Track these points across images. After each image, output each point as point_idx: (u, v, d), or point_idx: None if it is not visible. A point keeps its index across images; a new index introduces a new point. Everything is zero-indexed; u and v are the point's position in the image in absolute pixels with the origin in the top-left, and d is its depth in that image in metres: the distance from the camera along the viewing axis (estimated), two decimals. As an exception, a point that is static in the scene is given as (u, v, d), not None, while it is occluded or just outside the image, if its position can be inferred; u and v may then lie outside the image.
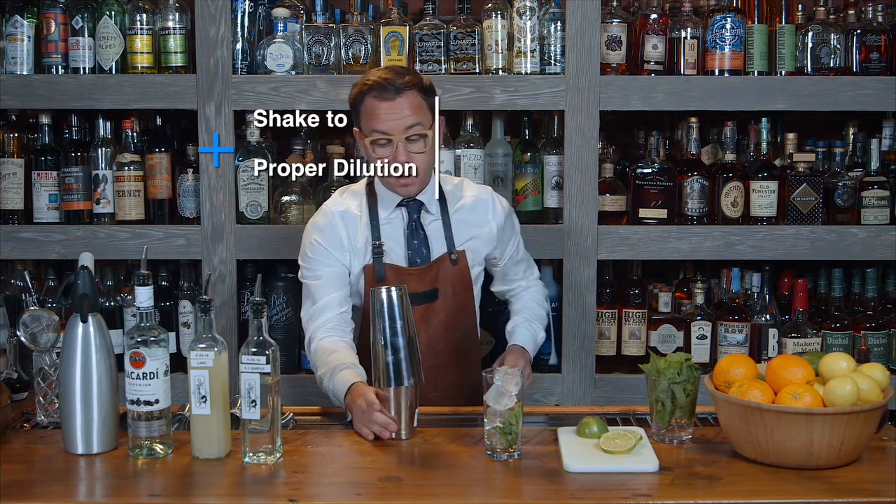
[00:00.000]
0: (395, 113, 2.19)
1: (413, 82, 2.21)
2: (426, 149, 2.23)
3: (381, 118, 2.19)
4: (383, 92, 2.18)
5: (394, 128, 2.19)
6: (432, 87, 2.28)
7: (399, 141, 2.20)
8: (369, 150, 2.24)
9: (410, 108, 2.19)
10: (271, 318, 2.93)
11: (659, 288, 2.99)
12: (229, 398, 1.89)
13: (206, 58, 2.82)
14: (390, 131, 2.20)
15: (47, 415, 2.10)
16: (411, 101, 2.20)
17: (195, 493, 1.75)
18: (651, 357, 1.98)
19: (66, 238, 2.88)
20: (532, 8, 2.83)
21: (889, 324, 2.98)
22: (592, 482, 1.73)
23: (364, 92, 2.21)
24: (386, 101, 2.19)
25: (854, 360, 1.86)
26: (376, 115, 2.20)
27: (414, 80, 2.22)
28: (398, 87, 2.18)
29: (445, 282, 2.34)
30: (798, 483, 1.72)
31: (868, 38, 2.91)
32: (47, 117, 2.93)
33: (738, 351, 2.87)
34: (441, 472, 1.82)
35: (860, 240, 2.86)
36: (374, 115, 2.20)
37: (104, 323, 1.93)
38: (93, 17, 2.88)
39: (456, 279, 2.36)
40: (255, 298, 1.85)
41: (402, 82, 2.19)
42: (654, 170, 2.89)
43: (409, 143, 2.21)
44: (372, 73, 2.25)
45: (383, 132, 2.20)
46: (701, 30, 2.88)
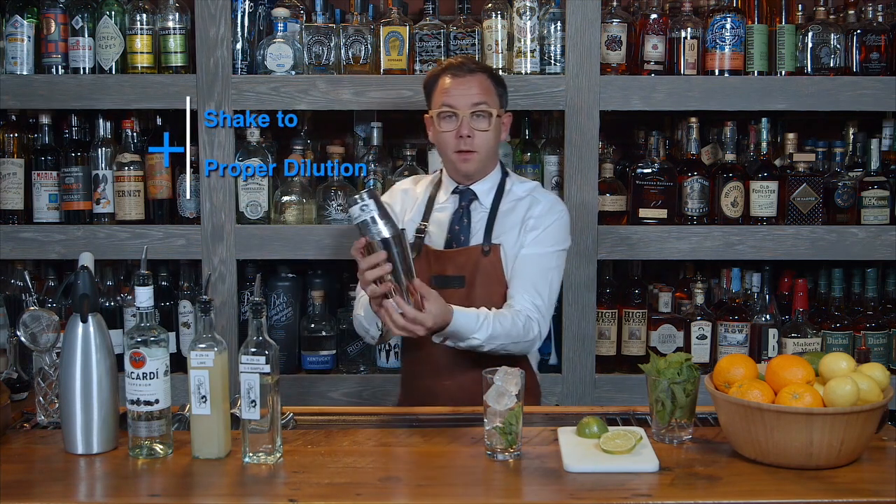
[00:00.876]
0: (464, 89, 2.33)
1: (485, 67, 2.42)
2: (490, 128, 2.34)
3: (450, 93, 2.34)
4: (457, 70, 2.36)
5: (461, 103, 2.33)
6: (503, 82, 2.43)
7: (464, 115, 2.33)
8: (436, 123, 2.37)
9: (479, 88, 2.34)
10: (271, 318, 2.94)
11: (659, 288, 2.99)
12: (229, 398, 1.89)
13: (206, 58, 2.82)
14: (457, 105, 2.33)
15: (47, 415, 2.10)
16: (481, 82, 2.35)
17: (195, 493, 1.75)
18: (651, 357, 1.98)
19: (66, 238, 2.88)
20: (532, 8, 2.83)
21: (889, 324, 2.98)
22: (592, 482, 1.73)
23: (438, 72, 2.39)
24: (457, 77, 2.35)
25: (854, 360, 1.86)
26: (446, 89, 2.35)
27: (485, 67, 2.43)
28: (471, 68, 2.36)
29: (474, 271, 2.34)
30: (798, 483, 1.72)
31: (868, 38, 2.91)
32: (47, 117, 2.93)
33: (738, 351, 2.87)
34: (441, 472, 1.82)
35: (860, 240, 2.86)
36: (444, 91, 2.36)
37: (104, 323, 1.93)
38: (93, 17, 2.88)
39: (487, 270, 2.35)
40: (255, 298, 1.85)
41: (475, 66, 2.38)
42: (654, 170, 2.89)
43: (473, 119, 2.33)
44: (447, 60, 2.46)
45: (450, 105, 2.34)
46: (701, 30, 2.88)
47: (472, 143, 2.33)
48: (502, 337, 2.23)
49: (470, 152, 2.34)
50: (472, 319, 2.20)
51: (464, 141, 2.33)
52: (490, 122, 2.33)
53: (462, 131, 2.32)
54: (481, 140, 2.34)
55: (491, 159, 2.41)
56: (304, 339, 2.97)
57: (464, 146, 2.33)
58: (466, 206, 2.41)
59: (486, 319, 2.22)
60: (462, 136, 2.32)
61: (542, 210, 2.38)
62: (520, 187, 2.44)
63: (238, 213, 2.88)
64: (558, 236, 2.39)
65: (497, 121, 2.36)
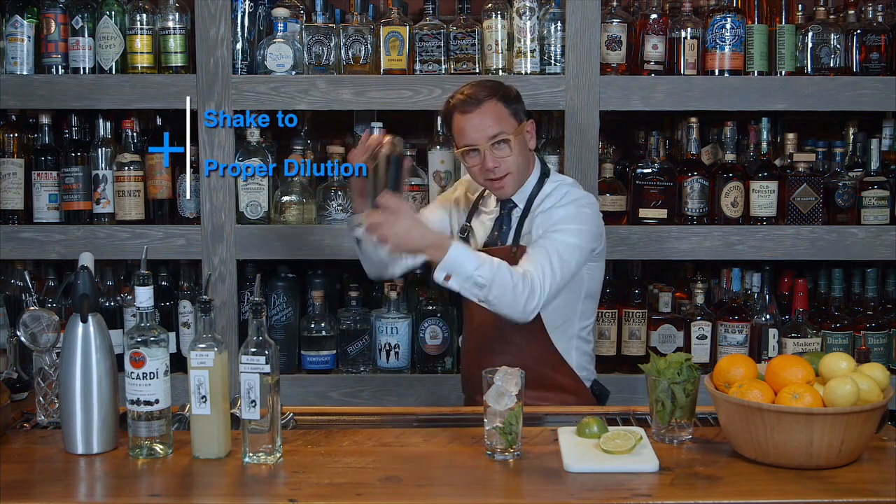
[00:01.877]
0: (477, 123, 2.34)
1: (492, 91, 2.37)
2: (512, 153, 2.35)
3: (465, 131, 2.36)
4: (465, 106, 2.35)
5: (478, 139, 2.34)
6: (514, 94, 2.41)
7: (485, 149, 2.34)
8: (462, 160, 2.42)
9: (492, 118, 2.34)
10: (271, 318, 2.94)
11: (659, 288, 2.99)
12: (229, 398, 1.89)
13: (206, 58, 2.82)
14: (474, 141, 2.35)
15: (47, 415, 2.10)
16: (492, 110, 2.34)
17: (195, 493, 1.75)
18: (651, 357, 1.98)
19: (66, 238, 2.88)
20: (532, 8, 2.83)
21: (889, 324, 2.98)
22: (592, 482, 1.73)
23: (450, 111, 2.40)
24: (467, 114, 2.35)
25: (854, 360, 1.86)
26: (462, 129, 2.37)
27: (492, 91, 2.37)
28: (478, 99, 2.35)
29: None
30: (798, 483, 1.72)
31: (868, 38, 2.91)
32: (47, 117, 2.93)
33: (738, 351, 2.87)
34: (441, 472, 1.82)
35: (860, 240, 2.86)
36: (460, 130, 2.37)
37: (104, 323, 1.93)
38: (93, 17, 2.88)
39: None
40: (255, 298, 1.85)
41: (483, 94, 2.35)
42: (654, 170, 2.89)
43: (494, 150, 2.34)
44: (457, 91, 2.42)
45: (469, 144, 2.36)
46: (701, 30, 2.88)
47: (499, 171, 2.36)
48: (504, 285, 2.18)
49: (500, 178, 2.37)
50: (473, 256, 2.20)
51: (491, 171, 2.36)
52: (511, 146, 2.35)
53: (487, 164, 2.34)
54: (508, 164, 2.36)
55: (524, 171, 2.41)
56: (304, 339, 2.97)
57: (492, 176, 2.36)
58: (507, 212, 2.45)
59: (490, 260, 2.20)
60: (488, 168, 2.35)
61: (554, 200, 2.39)
62: (550, 186, 2.44)
63: (238, 213, 2.88)
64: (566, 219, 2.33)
65: (519, 138, 2.37)
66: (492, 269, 2.17)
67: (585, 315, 2.47)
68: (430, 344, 2.97)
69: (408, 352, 2.98)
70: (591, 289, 2.46)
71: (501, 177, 2.36)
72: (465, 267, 2.17)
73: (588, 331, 2.50)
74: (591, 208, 2.40)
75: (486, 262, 2.19)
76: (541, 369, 2.37)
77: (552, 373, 2.41)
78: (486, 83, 2.42)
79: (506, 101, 2.37)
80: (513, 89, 2.43)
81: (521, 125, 2.39)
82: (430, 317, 2.96)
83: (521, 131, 2.38)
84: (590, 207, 2.40)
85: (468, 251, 2.21)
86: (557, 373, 2.42)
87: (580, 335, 2.46)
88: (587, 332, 2.49)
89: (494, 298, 2.19)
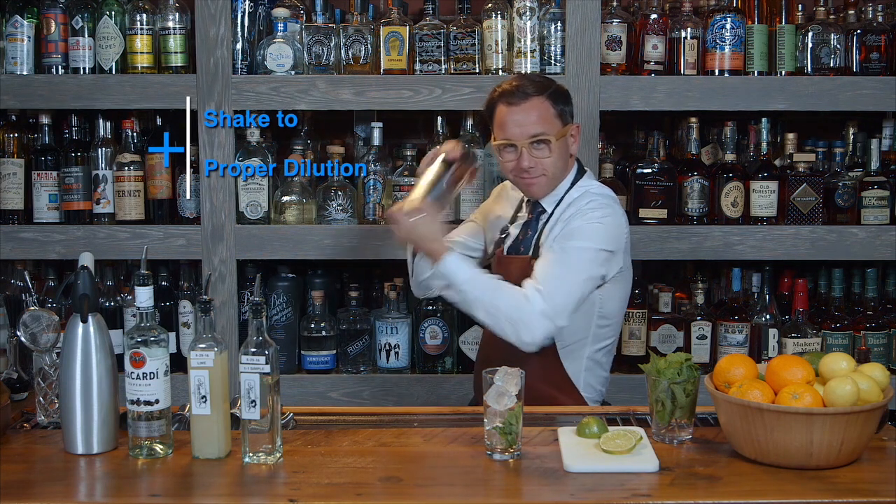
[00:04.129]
0: (521, 118, 2.27)
1: (542, 87, 2.29)
2: (551, 154, 2.28)
3: (506, 125, 2.29)
4: (511, 98, 2.27)
5: (518, 135, 2.27)
6: (564, 94, 2.34)
7: (523, 146, 2.27)
8: (497, 153, 2.34)
9: (537, 116, 2.27)
10: (271, 318, 2.94)
11: (659, 288, 2.99)
12: (229, 398, 1.89)
13: (206, 58, 2.82)
14: (513, 137, 2.28)
15: (47, 415, 2.10)
16: (538, 107, 2.27)
17: (195, 493, 1.75)
18: (651, 357, 1.98)
19: (66, 238, 2.88)
20: (532, 8, 2.83)
21: (889, 324, 2.98)
22: (592, 482, 1.73)
23: (495, 99, 2.32)
24: (512, 106, 2.27)
25: (854, 360, 1.86)
26: (503, 121, 2.29)
27: (542, 87, 2.29)
28: (526, 93, 2.27)
29: (520, 279, 2.24)
30: (798, 483, 1.72)
31: (868, 38, 2.91)
32: (47, 117, 2.93)
33: (738, 351, 2.87)
34: (441, 472, 1.82)
35: (860, 240, 2.86)
36: (501, 122, 2.30)
37: (104, 323, 1.93)
38: (93, 17, 2.88)
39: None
40: (255, 299, 1.85)
41: (531, 88, 2.27)
42: (654, 170, 2.89)
43: (532, 149, 2.28)
44: (505, 81, 2.33)
45: (507, 138, 2.29)
46: (701, 30, 2.88)
47: (534, 172, 2.29)
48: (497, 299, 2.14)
49: (533, 178, 2.31)
50: (463, 267, 2.18)
51: (525, 171, 2.29)
52: (550, 149, 2.27)
53: (522, 164, 2.27)
54: (544, 166, 2.29)
55: (559, 176, 2.34)
56: (304, 339, 2.97)
57: (526, 175, 2.30)
58: (536, 217, 2.38)
59: (483, 276, 2.18)
60: (523, 167, 2.28)
61: (578, 207, 2.30)
62: (577, 191, 2.35)
63: (238, 213, 2.88)
64: (584, 234, 2.24)
65: (560, 141, 2.29)
66: (478, 292, 2.15)
67: (600, 337, 2.37)
68: (430, 344, 2.97)
69: (408, 352, 2.98)
70: (607, 311, 2.35)
71: (535, 176, 2.30)
72: (455, 278, 2.18)
73: (604, 353, 2.40)
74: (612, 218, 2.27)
75: (478, 282, 2.16)
76: (545, 388, 2.32)
77: (556, 393, 2.34)
78: (536, 77, 2.35)
79: (554, 100, 2.29)
80: (563, 89, 2.35)
81: (566, 128, 2.31)
82: (430, 317, 2.96)
83: (564, 134, 2.30)
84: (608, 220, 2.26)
85: (461, 265, 2.18)
86: (562, 393, 2.34)
87: (593, 357, 2.38)
88: (602, 355, 2.39)
89: (487, 319, 2.18)
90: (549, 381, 2.33)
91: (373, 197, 2.90)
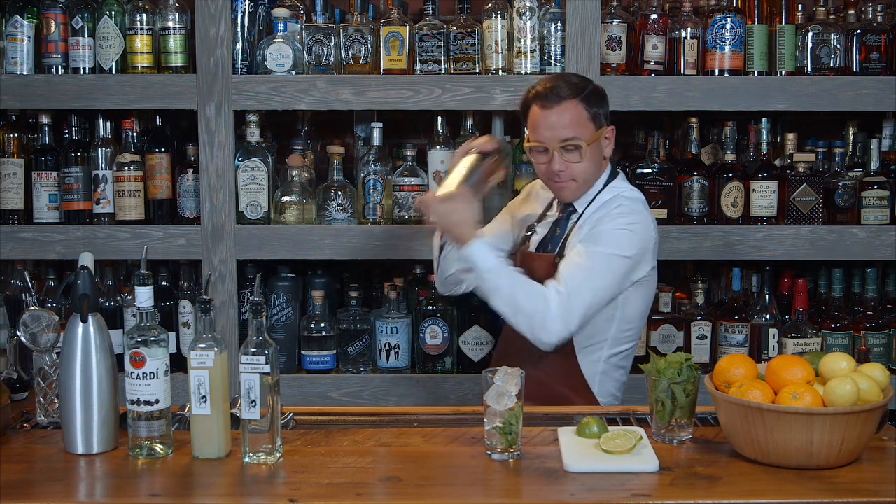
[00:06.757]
0: (554, 121, 2.26)
1: (577, 89, 2.27)
2: (581, 159, 2.27)
3: (539, 127, 2.28)
4: (545, 100, 2.26)
5: (549, 138, 2.27)
6: (599, 96, 2.32)
7: (554, 150, 2.26)
8: (530, 154, 2.34)
9: (569, 119, 2.25)
10: (271, 318, 2.94)
11: (659, 288, 2.99)
12: (229, 398, 1.89)
13: (206, 58, 2.82)
14: (545, 140, 2.27)
15: (47, 415, 2.10)
16: (571, 111, 2.26)
17: (195, 493, 1.75)
18: (651, 357, 1.98)
19: (66, 238, 2.88)
20: (532, 8, 2.83)
21: (889, 324, 2.98)
22: (592, 482, 1.73)
23: (529, 100, 2.31)
24: (546, 108, 2.26)
25: (854, 360, 1.86)
26: (536, 123, 2.29)
27: (576, 90, 2.27)
28: (560, 95, 2.25)
29: (544, 277, 2.24)
30: (798, 483, 1.72)
31: (868, 38, 2.91)
32: (47, 117, 2.93)
33: (738, 351, 2.87)
34: (441, 472, 1.82)
35: (860, 240, 2.86)
36: (534, 124, 2.30)
37: (104, 323, 1.93)
38: (93, 17, 2.88)
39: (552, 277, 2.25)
40: (255, 299, 1.85)
41: (565, 92, 2.26)
42: (654, 170, 2.89)
43: (564, 153, 2.27)
44: (541, 81, 2.32)
45: (539, 141, 2.28)
46: (701, 30, 2.88)
47: (565, 176, 2.28)
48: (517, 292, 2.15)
49: (563, 182, 2.30)
50: (489, 255, 2.18)
51: (556, 175, 2.28)
52: (582, 153, 2.26)
53: (553, 167, 2.27)
54: (575, 170, 2.28)
55: (591, 180, 2.33)
56: (304, 339, 2.97)
57: (557, 179, 2.29)
58: (566, 217, 2.37)
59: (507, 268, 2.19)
60: (554, 171, 2.27)
61: (608, 210, 2.29)
62: (609, 193, 2.34)
63: (238, 213, 2.88)
64: (611, 240, 2.23)
65: (594, 145, 2.28)
66: (501, 281, 2.16)
67: (620, 341, 2.35)
68: (430, 344, 2.97)
69: (408, 352, 2.98)
70: (629, 314, 2.33)
71: (565, 180, 2.29)
72: (479, 265, 2.17)
73: (622, 357, 2.38)
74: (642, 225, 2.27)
75: (502, 272, 2.16)
76: (560, 389, 2.32)
77: (570, 393, 2.33)
78: (572, 79, 2.33)
79: (588, 102, 2.27)
80: (599, 90, 2.33)
81: (600, 131, 2.30)
82: (430, 317, 2.96)
83: (597, 137, 2.29)
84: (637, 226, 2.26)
85: (488, 253, 2.17)
86: (575, 394, 2.33)
87: (611, 361, 2.36)
88: (621, 359, 2.38)
89: (505, 309, 2.18)
90: (564, 381, 2.33)
91: (373, 197, 2.90)
